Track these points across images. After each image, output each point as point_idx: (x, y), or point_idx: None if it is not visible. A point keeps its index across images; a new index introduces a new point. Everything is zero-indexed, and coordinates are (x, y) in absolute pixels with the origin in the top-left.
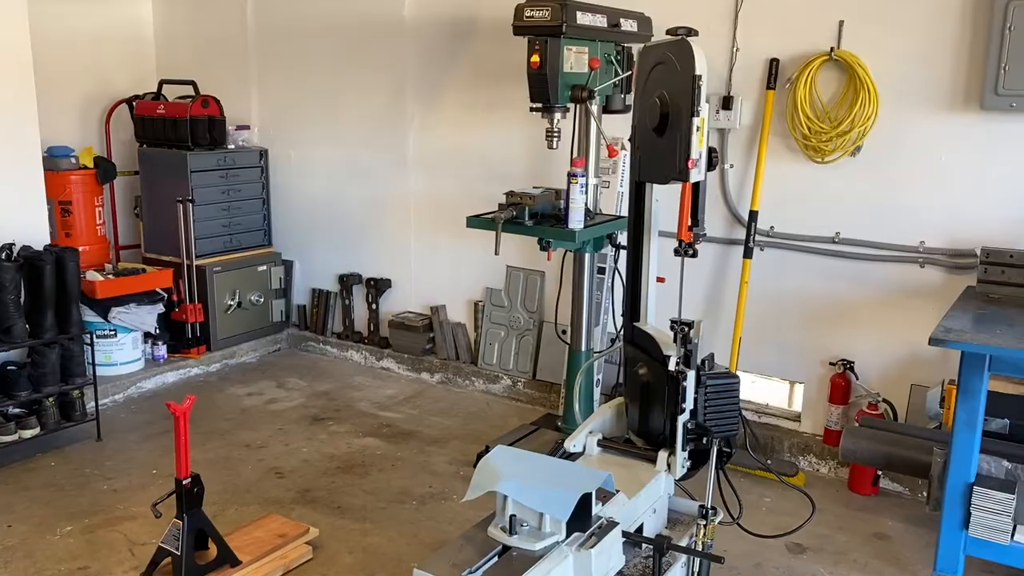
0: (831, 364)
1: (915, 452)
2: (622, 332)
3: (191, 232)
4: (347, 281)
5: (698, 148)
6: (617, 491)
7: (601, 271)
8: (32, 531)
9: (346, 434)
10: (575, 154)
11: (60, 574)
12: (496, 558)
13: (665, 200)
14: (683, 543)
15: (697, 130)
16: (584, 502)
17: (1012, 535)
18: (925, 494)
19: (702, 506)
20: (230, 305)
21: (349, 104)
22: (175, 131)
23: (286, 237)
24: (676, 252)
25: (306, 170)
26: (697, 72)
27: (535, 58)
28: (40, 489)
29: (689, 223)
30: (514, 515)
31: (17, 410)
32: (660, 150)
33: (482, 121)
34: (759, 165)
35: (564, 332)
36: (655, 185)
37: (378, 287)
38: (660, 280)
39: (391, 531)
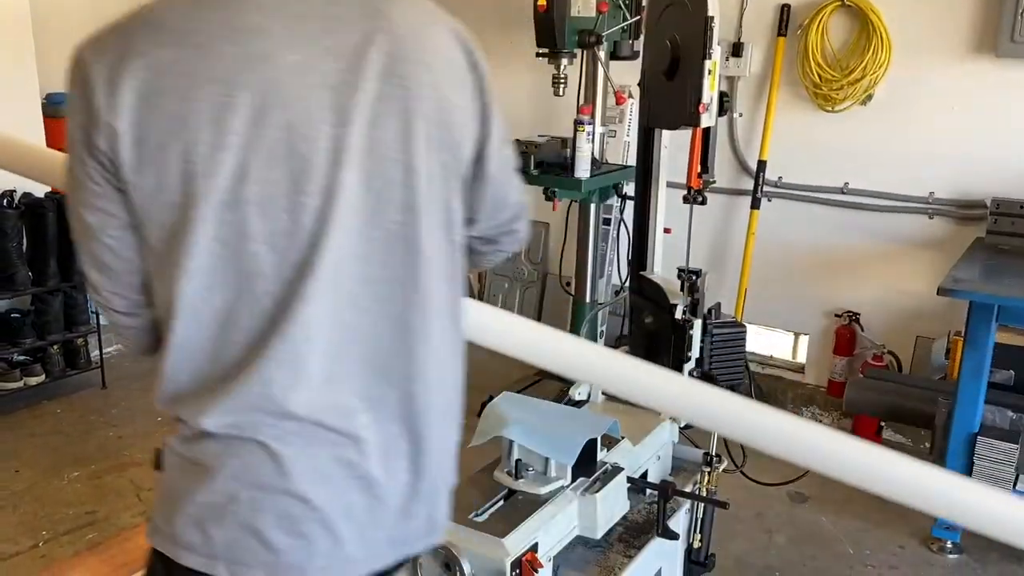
0: (836, 316)
1: (919, 403)
2: (628, 281)
3: None
4: None
5: (709, 92)
6: (622, 437)
7: (607, 222)
8: (39, 476)
9: None
10: (582, 101)
11: (68, 518)
12: (502, 501)
13: (673, 149)
14: (687, 490)
15: (708, 74)
16: (589, 448)
17: (1014, 484)
18: (928, 445)
19: (706, 453)
20: None
21: None
22: None
23: None
24: (685, 199)
25: None
26: (710, 13)
27: (542, 1)
28: (46, 435)
29: (699, 170)
30: (520, 460)
31: (22, 357)
32: (670, 95)
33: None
34: (768, 114)
35: (568, 284)
36: (664, 131)
37: None
38: (667, 231)
39: None
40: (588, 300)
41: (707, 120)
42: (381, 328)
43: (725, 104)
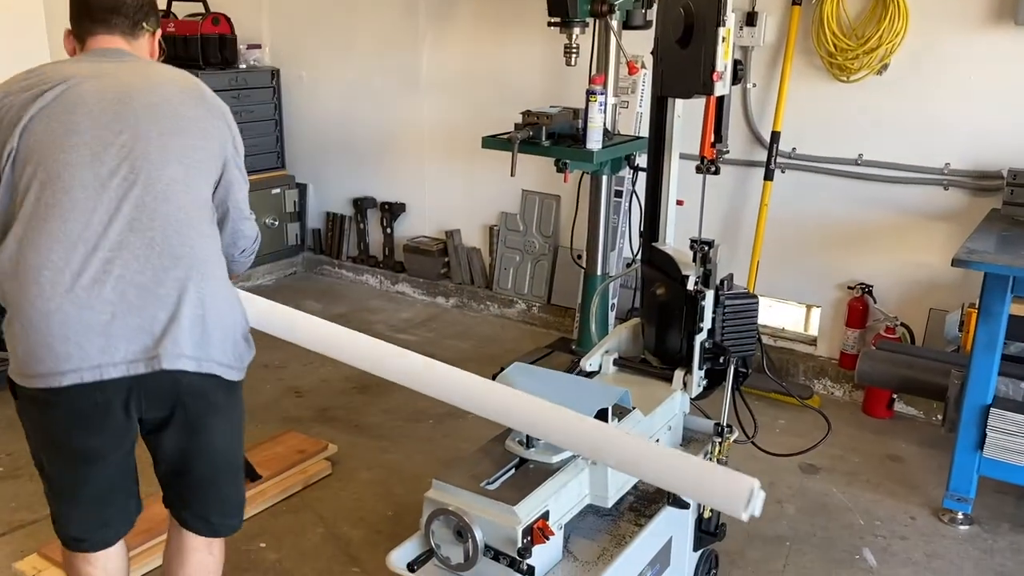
0: (849, 288)
1: (932, 375)
2: (640, 253)
3: None
4: (361, 205)
5: (723, 60)
6: (633, 408)
7: (618, 194)
8: None
9: None
10: (594, 71)
11: None
12: (513, 470)
13: (686, 119)
14: None
15: (723, 41)
16: (600, 417)
17: None
18: (940, 417)
19: (717, 424)
20: None
21: (361, 22)
22: (185, 49)
23: (300, 160)
24: (698, 169)
25: (319, 91)
26: None
27: None
28: None
29: (712, 139)
30: None
31: None
32: (684, 63)
33: (497, 38)
34: (782, 84)
35: (580, 257)
36: (677, 101)
37: (392, 211)
38: (679, 203)
39: (408, 448)
40: (599, 272)
41: (721, 88)
42: (161, 225)
43: (739, 73)
